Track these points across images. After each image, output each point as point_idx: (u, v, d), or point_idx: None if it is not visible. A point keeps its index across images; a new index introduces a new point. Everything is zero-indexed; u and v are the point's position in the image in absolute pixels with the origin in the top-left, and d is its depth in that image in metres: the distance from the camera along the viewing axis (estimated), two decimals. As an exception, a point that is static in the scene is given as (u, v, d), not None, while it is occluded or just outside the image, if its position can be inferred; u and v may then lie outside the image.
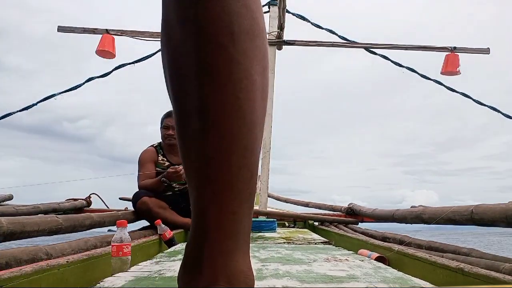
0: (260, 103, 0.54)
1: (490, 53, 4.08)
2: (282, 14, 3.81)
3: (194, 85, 0.50)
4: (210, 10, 0.49)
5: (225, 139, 0.50)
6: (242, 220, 0.54)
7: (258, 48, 0.53)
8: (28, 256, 1.29)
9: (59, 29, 4.03)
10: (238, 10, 0.50)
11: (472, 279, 1.11)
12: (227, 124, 0.50)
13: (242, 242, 0.55)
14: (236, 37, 0.50)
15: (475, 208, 1.68)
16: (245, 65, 0.51)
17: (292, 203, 5.42)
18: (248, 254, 0.57)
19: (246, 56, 0.51)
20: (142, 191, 2.77)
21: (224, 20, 0.49)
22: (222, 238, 0.52)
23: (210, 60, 0.49)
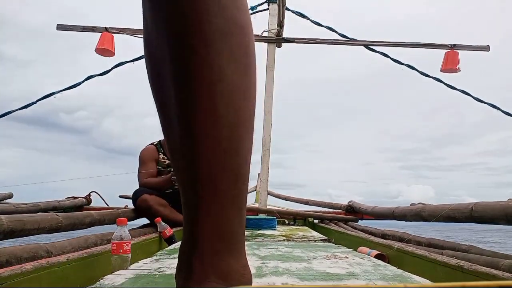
0: (242, 103, 0.52)
1: (490, 50, 4.07)
2: (281, 11, 3.80)
3: (170, 91, 0.50)
4: (179, 9, 0.47)
5: (204, 143, 0.50)
6: (229, 221, 0.54)
7: (236, 46, 0.51)
8: (29, 254, 1.29)
9: (58, 27, 4.02)
10: (209, 8, 0.47)
11: (472, 277, 1.11)
12: (205, 129, 0.49)
13: (234, 242, 0.55)
14: (207, 37, 0.48)
15: (475, 205, 1.68)
16: (219, 66, 0.49)
17: (292, 201, 5.43)
18: (242, 252, 0.57)
19: (221, 57, 0.49)
20: (142, 189, 2.77)
21: (193, 19, 0.47)
22: (209, 239, 0.53)
23: (182, 65, 0.48)
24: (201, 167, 0.51)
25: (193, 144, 0.50)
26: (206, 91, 0.49)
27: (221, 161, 0.51)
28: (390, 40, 4.12)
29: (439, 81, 4.10)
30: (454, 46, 4.03)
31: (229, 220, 0.54)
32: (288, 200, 5.55)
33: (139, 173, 2.90)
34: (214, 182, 0.51)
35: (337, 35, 4.13)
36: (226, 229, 0.53)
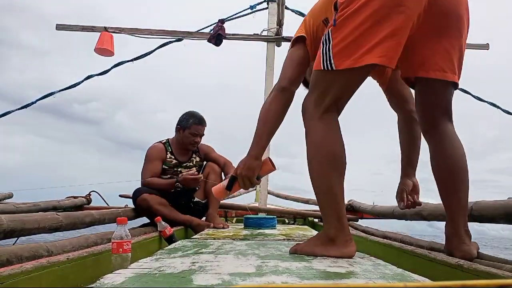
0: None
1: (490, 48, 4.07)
2: (281, 10, 3.80)
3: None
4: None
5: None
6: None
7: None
8: (29, 253, 1.29)
9: (57, 27, 4.03)
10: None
11: (472, 276, 1.12)
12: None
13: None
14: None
15: (475, 204, 1.68)
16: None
17: (292, 200, 5.43)
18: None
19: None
20: (142, 188, 2.77)
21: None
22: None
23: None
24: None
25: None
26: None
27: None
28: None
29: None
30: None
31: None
32: (288, 199, 5.55)
33: (143, 171, 2.89)
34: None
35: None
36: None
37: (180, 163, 2.96)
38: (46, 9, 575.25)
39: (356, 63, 1.24)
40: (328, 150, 1.29)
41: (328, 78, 1.32)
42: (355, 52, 1.24)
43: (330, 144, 1.30)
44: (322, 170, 1.30)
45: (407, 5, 1.25)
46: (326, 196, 1.30)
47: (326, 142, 1.30)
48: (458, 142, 1.47)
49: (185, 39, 4.01)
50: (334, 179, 1.29)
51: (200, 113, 3.02)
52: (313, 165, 1.32)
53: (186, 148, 2.96)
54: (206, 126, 3.01)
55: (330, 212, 1.31)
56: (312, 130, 1.34)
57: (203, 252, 1.41)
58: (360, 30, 1.24)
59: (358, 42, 1.24)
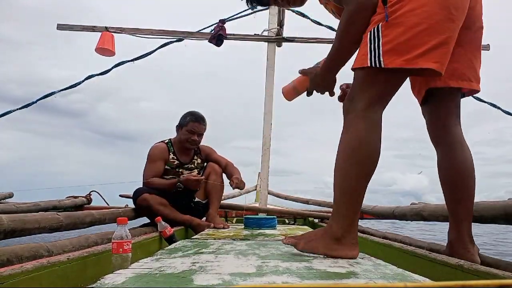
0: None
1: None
2: (281, 10, 3.80)
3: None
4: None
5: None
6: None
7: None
8: (29, 253, 1.30)
9: (58, 27, 4.03)
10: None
11: (472, 276, 1.12)
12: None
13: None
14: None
15: (475, 205, 1.68)
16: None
17: (292, 200, 5.43)
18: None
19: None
20: (142, 188, 2.77)
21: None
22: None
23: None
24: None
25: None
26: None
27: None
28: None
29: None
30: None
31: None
32: (288, 199, 5.55)
33: (145, 171, 2.89)
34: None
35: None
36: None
37: (182, 164, 2.96)
38: (24, 0, 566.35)
39: (408, 63, 1.20)
40: (368, 151, 1.25)
41: (375, 76, 1.26)
42: (408, 53, 1.20)
43: (371, 145, 1.25)
44: (355, 170, 1.25)
45: (456, 14, 1.24)
46: (348, 196, 1.26)
47: (367, 142, 1.25)
48: (467, 148, 1.49)
49: (186, 39, 4.02)
50: (363, 182, 1.26)
51: (200, 112, 3.02)
52: (346, 163, 1.27)
53: (185, 146, 2.95)
54: (205, 126, 2.99)
55: (345, 213, 1.26)
56: (354, 127, 1.27)
57: (204, 252, 1.41)
58: (415, 30, 1.20)
59: (412, 42, 1.20)
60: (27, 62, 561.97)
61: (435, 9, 1.21)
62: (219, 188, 2.98)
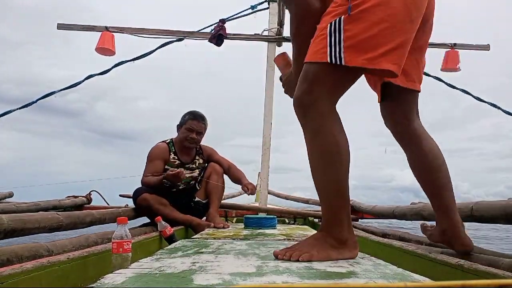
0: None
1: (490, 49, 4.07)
2: (282, 10, 3.80)
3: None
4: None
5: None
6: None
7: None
8: (29, 253, 1.30)
9: (58, 26, 4.02)
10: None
11: (472, 275, 1.12)
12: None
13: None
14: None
15: (475, 205, 1.68)
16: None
17: (292, 200, 5.44)
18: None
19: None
20: (143, 188, 2.77)
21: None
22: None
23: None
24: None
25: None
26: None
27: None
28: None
29: (440, 80, 4.10)
30: (455, 46, 4.02)
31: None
32: (288, 199, 5.56)
33: (144, 171, 2.89)
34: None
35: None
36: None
37: (183, 164, 2.96)
38: (23, 0, 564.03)
39: (370, 63, 1.15)
40: (343, 148, 1.22)
41: (332, 70, 1.20)
42: (370, 51, 1.15)
43: (346, 145, 1.23)
44: (336, 169, 1.22)
45: (416, 15, 1.21)
46: (339, 198, 1.24)
47: (343, 143, 1.22)
48: (430, 137, 1.50)
49: (186, 39, 4.01)
50: (346, 178, 1.24)
51: (201, 110, 3.02)
52: (326, 165, 1.23)
53: (185, 145, 2.95)
54: (205, 124, 2.98)
55: (342, 214, 1.25)
56: (325, 129, 1.22)
57: (204, 252, 1.41)
58: (378, 28, 1.15)
59: (375, 41, 1.15)
60: (26, 62, 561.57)
61: (399, 7, 1.16)
62: (220, 188, 2.98)
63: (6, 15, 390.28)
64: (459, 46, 4.04)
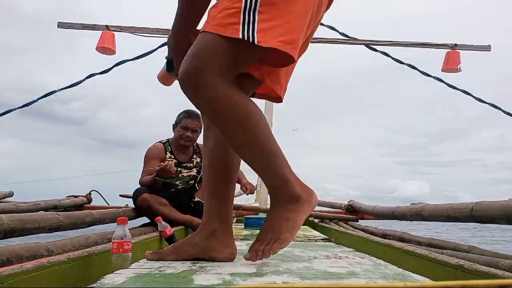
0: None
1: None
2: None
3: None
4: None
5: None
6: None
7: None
8: (29, 253, 1.30)
9: (59, 25, 4.03)
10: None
11: (472, 276, 1.11)
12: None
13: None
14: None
15: (475, 205, 1.68)
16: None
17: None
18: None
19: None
20: (142, 188, 2.77)
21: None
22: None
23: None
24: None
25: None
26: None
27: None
28: (391, 39, 4.13)
29: (440, 80, 4.11)
30: (455, 46, 4.03)
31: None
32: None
33: (142, 171, 2.89)
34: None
35: (338, 34, 4.13)
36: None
37: (180, 163, 2.95)
38: (18, 6, 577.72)
39: (284, 46, 1.09)
40: (252, 109, 1.15)
41: (238, 50, 1.11)
42: (283, 35, 1.10)
43: (251, 104, 1.17)
44: (259, 130, 1.15)
45: (315, 12, 1.20)
46: (272, 156, 1.17)
47: (246, 101, 1.16)
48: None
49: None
50: (270, 135, 1.17)
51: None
52: (247, 130, 1.14)
53: (180, 144, 2.95)
54: (200, 122, 2.97)
55: (283, 171, 1.18)
56: (224, 97, 1.11)
57: (204, 252, 1.40)
58: (294, 14, 1.12)
59: (291, 24, 1.11)
60: (27, 68, 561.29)
61: (314, 1, 1.17)
62: None
63: (9, 22, 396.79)
64: (460, 47, 4.04)
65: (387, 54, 4.10)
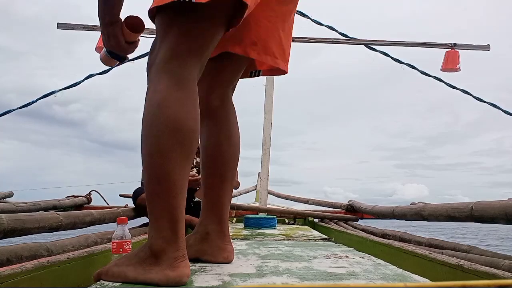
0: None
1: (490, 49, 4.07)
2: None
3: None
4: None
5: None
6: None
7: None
8: (29, 253, 1.29)
9: (58, 26, 4.03)
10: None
11: (472, 276, 1.12)
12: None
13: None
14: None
15: (475, 205, 1.68)
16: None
17: (292, 200, 5.43)
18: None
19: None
20: (142, 188, 2.77)
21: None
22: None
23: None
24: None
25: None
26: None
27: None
28: (391, 39, 4.13)
29: (440, 80, 4.11)
30: (455, 46, 4.03)
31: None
32: (288, 199, 5.55)
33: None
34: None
35: (338, 34, 4.14)
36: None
37: None
38: (18, 10, 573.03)
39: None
40: (175, 118, 0.91)
41: (181, 17, 0.96)
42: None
43: (177, 109, 0.92)
44: (159, 144, 0.91)
45: None
46: (160, 185, 0.90)
47: (172, 105, 0.92)
48: (237, 128, 1.28)
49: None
50: (174, 160, 0.90)
51: None
52: (148, 136, 0.93)
53: None
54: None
55: (161, 212, 0.91)
56: (155, 86, 0.95)
57: (203, 252, 1.40)
58: None
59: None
60: (26, 71, 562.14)
61: None
62: None
63: (8, 26, 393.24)
64: (459, 46, 4.04)
65: (386, 54, 4.10)
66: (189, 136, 0.92)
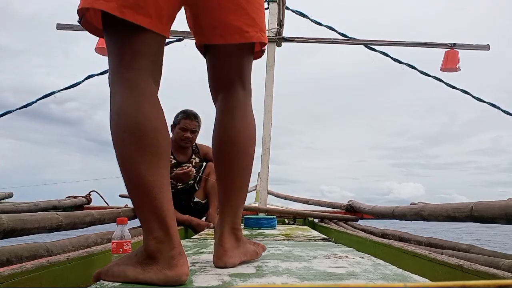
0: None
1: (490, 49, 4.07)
2: (281, 10, 3.80)
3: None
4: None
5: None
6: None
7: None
8: (29, 253, 1.30)
9: (58, 26, 4.02)
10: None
11: (472, 276, 1.12)
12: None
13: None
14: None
15: (475, 205, 1.68)
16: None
17: (292, 200, 5.43)
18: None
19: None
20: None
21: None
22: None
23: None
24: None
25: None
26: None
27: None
28: (390, 39, 4.13)
29: (440, 80, 4.11)
30: (454, 46, 4.03)
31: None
32: (288, 199, 5.55)
33: None
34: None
35: (337, 34, 4.13)
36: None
37: (179, 163, 2.95)
38: (16, 9, 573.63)
39: (87, 3, 0.95)
40: (134, 123, 0.91)
41: (111, 27, 0.98)
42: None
43: (133, 113, 0.92)
44: (126, 151, 0.92)
45: None
46: (137, 189, 0.92)
47: (127, 111, 0.92)
48: (252, 118, 1.24)
49: (185, 39, 4.01)
50: (144, 163, 0.90)
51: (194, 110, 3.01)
52: (116, 145, 0.94)
53: (180, 145, 2.95)
54: (198, 122, 2.97)
55: (146, 214, 0.92)
56: (112, 96, 0.97)
57: (203, 252, 1.41)
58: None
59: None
60: (24, 71, 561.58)
61: None
62: None
63: (7, 24, 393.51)
64: (459, 46, 4.04)
65: (386, 54, 4.10)
66: (154, 136, 0.92)
